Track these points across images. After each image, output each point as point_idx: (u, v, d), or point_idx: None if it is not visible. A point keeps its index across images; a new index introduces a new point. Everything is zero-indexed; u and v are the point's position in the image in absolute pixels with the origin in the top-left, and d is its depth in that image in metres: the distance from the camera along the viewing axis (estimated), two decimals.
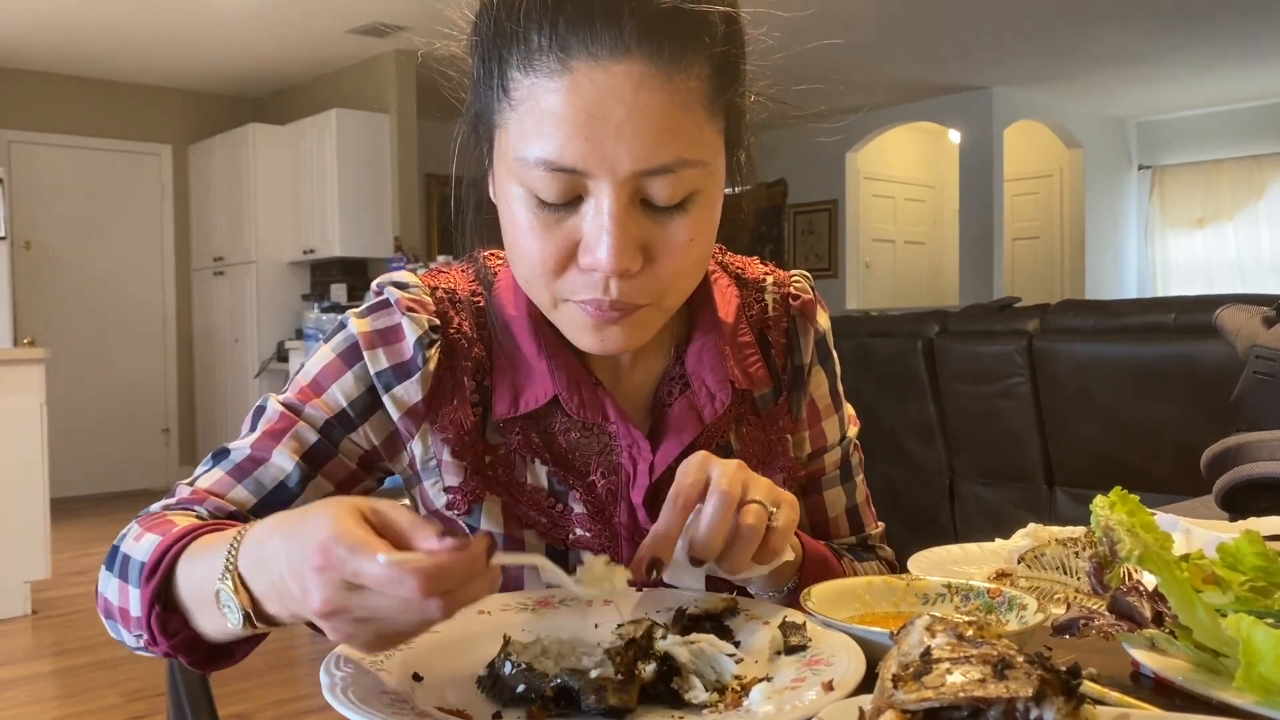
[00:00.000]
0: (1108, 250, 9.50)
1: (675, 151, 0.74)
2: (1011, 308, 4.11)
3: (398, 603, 0.56)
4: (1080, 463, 3.71)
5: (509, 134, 0.77)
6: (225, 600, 0.66)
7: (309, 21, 6.31)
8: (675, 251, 0.78)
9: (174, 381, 7.96)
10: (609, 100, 0.72)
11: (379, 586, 0.56)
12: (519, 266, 0.82)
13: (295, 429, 0.87)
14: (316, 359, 0.90)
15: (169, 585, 0.72)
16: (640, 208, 0.76)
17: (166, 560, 0.72)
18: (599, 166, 0.73)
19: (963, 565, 0.94)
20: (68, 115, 7.40)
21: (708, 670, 0.64)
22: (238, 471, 0.86)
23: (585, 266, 0.77)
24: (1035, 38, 6.92)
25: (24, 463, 4.26)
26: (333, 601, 0.57)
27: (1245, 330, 1.42)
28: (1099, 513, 0.67)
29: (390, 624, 0.58)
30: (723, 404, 0.90)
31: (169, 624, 0.72)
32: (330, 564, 0.56)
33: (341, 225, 6.91)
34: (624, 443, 0.89)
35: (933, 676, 0.49)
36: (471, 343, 0.90)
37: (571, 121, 0.72)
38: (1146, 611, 0.66)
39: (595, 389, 0.88)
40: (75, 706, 3.29)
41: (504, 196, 0.80)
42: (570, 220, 0.76)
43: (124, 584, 0.76)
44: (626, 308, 0.79)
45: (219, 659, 0.75)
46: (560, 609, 0.78)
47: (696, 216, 0.78)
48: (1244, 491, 1.17)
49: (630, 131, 0.72)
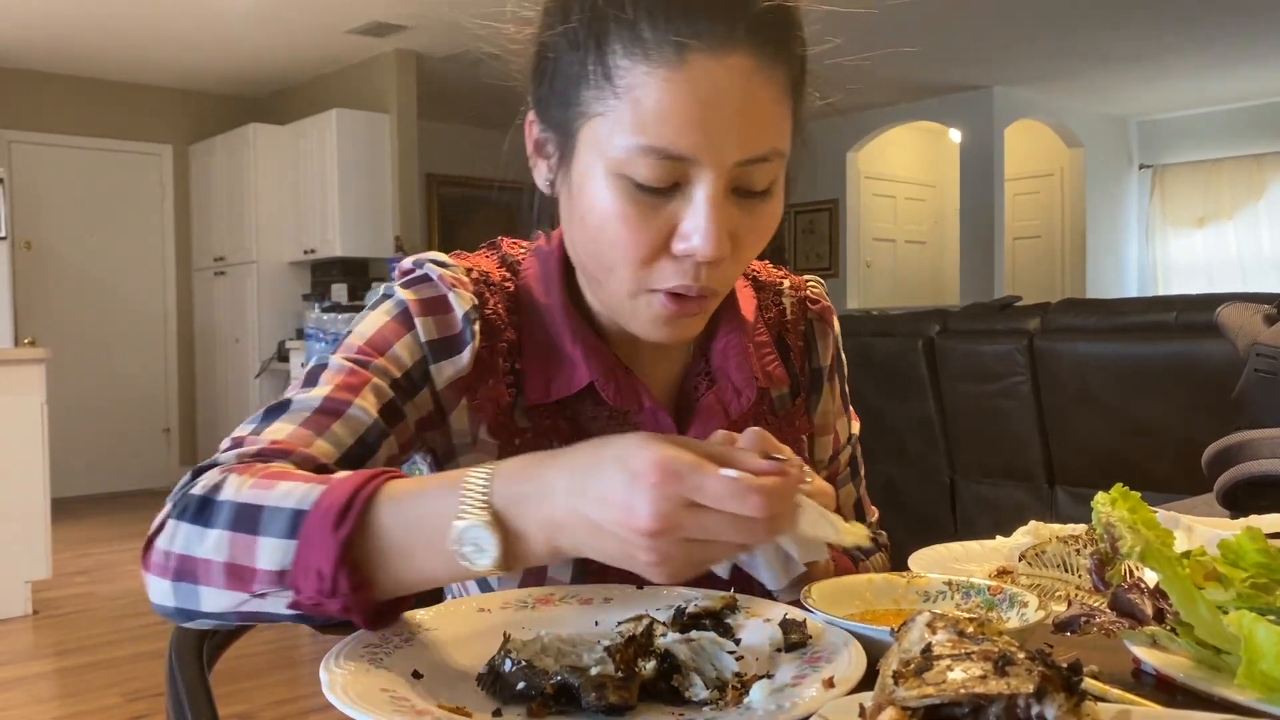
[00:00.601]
0: (1108, 249, 9.50)
1: (772, 142, 0.78)
2: (1012, 307, 4.11)
3: (733, 521, 0.58)
4: (1081, 462, 3.71)
5: (609, 121, 0.76)
6: (475, 539, 0.63)
7: (309, 21, 6.31)
8: (754, 239, 0.81)
9: (175, 381, 7.96)
10: (723, 91, 0.74)
11: (720, 503, 0.57)
12: (604, 254, 0.81)
13: (371, 383, 0.83)
14: (369, 323, 0.88)
15: (357, 533, 0.66)
16: (731, 197, 0.78)
17: (358, 505, 0.66)
18: (708, 154, 0.75)
19: (963, 563, 0.94)
20: (68, 115, 7.40)
21: (708, 667, 0.64)
22: (314, 424, 0.79)
23: (680, 254, 0.78)
24: (1036, 37, 6.92)
25: (24, 462, 4.26)
26: (669, 517, 0.57)
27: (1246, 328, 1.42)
28: (1100, 509, 0.66)
29: (715, 547, 0.60)
30: (749, 400, 0.93)
31: (354, 576, 0.65)
32: (670, 479, 0.57)
33: (342, 225, 6.91)
34: (650, 430, 0.90)
35: (934, 673, 0.49)
36: (505, 325, 0.91)
37: (688, 109, 0.74)
38: (1148, 608, 0.66)
39: (629, 376, 0.90)
40: (75, 706, 3.29)
41: (589, 187, 0.79)
42: (667, 208, 0.77)
43: (243, 535, 0.68)
44: (707, 295, 0.81)
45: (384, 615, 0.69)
46: (560, 606, 0.78)
47: (774, 206, 0.82)
48: (1245, 489, 1.17)
49: (741, 122, 0.75)
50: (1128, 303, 3.75)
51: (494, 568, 0.63)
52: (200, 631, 0.92)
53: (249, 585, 0.68)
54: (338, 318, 6.42)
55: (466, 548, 0.63)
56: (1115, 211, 9.58)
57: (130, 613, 4.27)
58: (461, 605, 0.77)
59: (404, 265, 0.93)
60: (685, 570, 0.61)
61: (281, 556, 0.67)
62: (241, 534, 0.68)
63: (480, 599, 0.78)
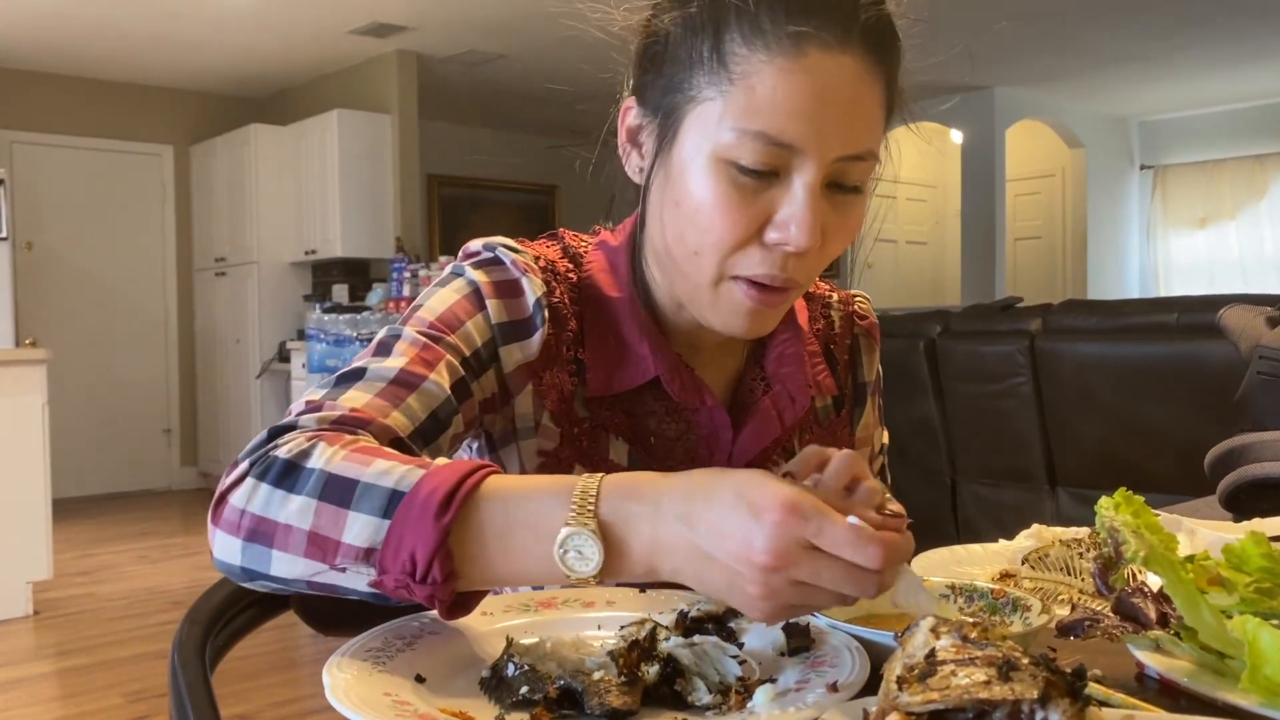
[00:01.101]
0: (1110, 250, 9.50)
1: (870, 142, 0.81)
2: (1014, 308, 4.11)
3: (846, 571, 0.59)
4: (1082, 463, 3.71)
5: (720, 105, 0.79)
6: (579, 546, 0.63)
7: (310, 22, 6.32)
8: (841, 236, 0.83)
9: (175, 382, 7.96)
10: (835, 86, 0.77)
11: (837, 549, 0.58)
12: (692, 240, 0.82)
13: (445, 360, 0.83)
14: (439, 299, 0.88)
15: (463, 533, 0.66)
16: (825, 192, 0.81)
17: (461, 496, 0.66)
18: (813, 145, 0.77)
19: (966, 566, 0.94)
20: (69, 116, 7.40)
21: (711, 672, 0.64)
22: (390, 395, 0.79)
23: (772, 242, 0.80)
24: (1037, 38, 6.91)
25: (26, 463, 4.26)
26: (787, 555, 0.58)
27: (1249, 330, 1.42)
28: (1104, 514, 0.66)
29: (822, 593, 0.60)
30: (803, 407, 0.95)
31: (448, 564, 0.65)
32: (794, 518, 0.58)
33: (343, 226, 6.91)
34: (703, 431, 0.92)
35: (938, 678, 0.49)
36: (570, 315, 0.92)
37: (801, 98, 0.77)
38: (1151, 613, 0.66)
39: (692, 374, 0.92)
40: (77, 707, 3.29)
41: (689, 171, 0.81)
42: (766, 195, 0.79)
43: (333, 507, 0.67)
44: (790, 287, 0.83)
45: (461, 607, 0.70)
46: (563, 610, 0.78)
47: (863, 204, 0.85)
48: (1248, 492, 1.17)
49: (847, 118, 0.78)
50: (1129, 304, 3.75)
51: (592, 577, 0.64)
52: (203, 632, 0.91)
53: (331, 557, 0.67)
54: (339, 318, 6.42)
55: (570, 554, 0.64)
56: (1116, 212, 9.58)
57: (131, 613, 4.28)
58: None
59: (471, 247, 0.93)
60: (787, 612, 0.62)
61: (373, 534, 0.66)
62: (330, 505, 0.68)
63: (483, 602, 0.78)
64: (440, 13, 6.14)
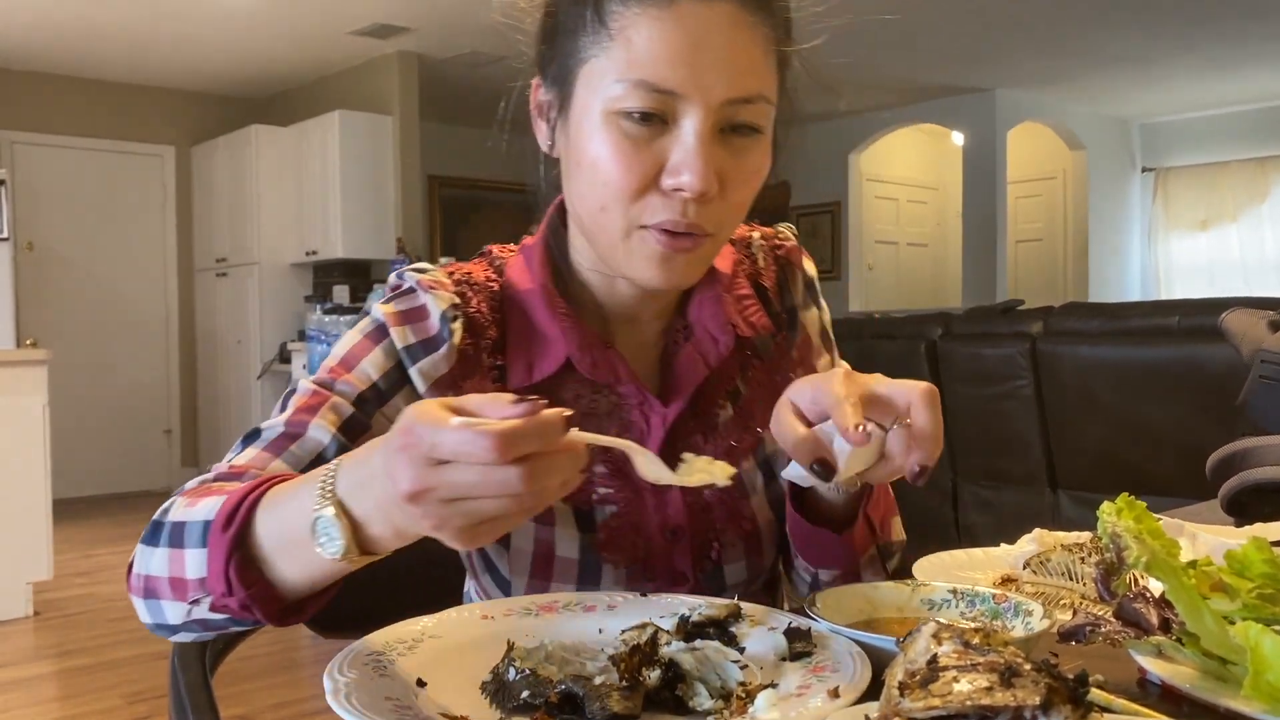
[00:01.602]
0: (1111, 252, 9.50)
1: (756, 85, 0.82)
2: (1015, 310, 4.11)
3: (478, 473, 0.57)
4: (1083, 465, 3.71)
5: (602, 63, 0.82)
6: (324, 529, 0.64)
7: (312, 23, 6.32)
8: (743, 181, 0.85)
9: (176, 383, 7.96)
10: (709, 32, 0.80)
11: (456, 453, 0.57)
12: (596, 195, 0.84)
13: (330, 402, 0.87)
14: (344, 342, 0.92)
15: (246, 535, 0.70)
16: (719, 137, 0.82)
17: (244, 508, 0.70)
18: (694, 90, 0.80)
19: (968, 570, 0.94)
20: (71, 116, 7.41)
21: (713, 677, 0.64)
22: (274, 447, 0.85)
23: (668, 188, 0.82)
24: (1039, 40, 6.91)
25: (26, 464, 4.26)
26: (419, 480, 0.57)
27: (1251, 334, 1.41)
28: (1106, 519, 0.66)
29: (478, 505, 0.58)
30: (727, 347, 0.95)
31: (247, 574, 0.69)
32: (412, 441, 0.57)
33: (344, 227, 6.91)
34: (635, 400, 0.93)
35: (939, 684, 0.49)
36: (489, 323, 0.93)
37: (677, 45, 0.80)
38: (1153, 618, 0.66)
39: (606, 351, 0.92)
40: (77, 708, 3.29)
41: (584, 130, 0.84)
42: (657, 143, 0.81)
43: (177, 550, 0.74)
44: (697, 232, 0.84)
45: (289, 614, 0.72)
46: (564, 614, 0.77)
47: (762, 150, 0.86)
48: (1250, 496, 1.17)
49: (726, 61, 0.80)
50: (1131, 307, 3.75)
51: (344, 556, 0.64)
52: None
53: (185, 595, 0.73)
54: (339, 319, 6.42)
55: (321, 539, 0.65)
56: (1118, 214, 9.58)
57: (132, 614, 4.23)
58: (465, 612, 0.77)
59: (391, 280, 0.97)
60: (470, 532, 0.59)
61: (199, 564, 0.72)
62: (175, 549, 0.74)
63: (484, 606, 0.78)
64: (441, 14, 6.14)
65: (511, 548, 0.91)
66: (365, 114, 6.98)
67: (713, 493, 0.94)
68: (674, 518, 0.92)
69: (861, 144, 9.04)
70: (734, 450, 0.96)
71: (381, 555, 0.66)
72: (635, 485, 0.92)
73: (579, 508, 0.91)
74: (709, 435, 0.95)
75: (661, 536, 0.92)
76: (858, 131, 8.96)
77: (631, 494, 0.92)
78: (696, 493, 0.93)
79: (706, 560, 0.94)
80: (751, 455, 0.97)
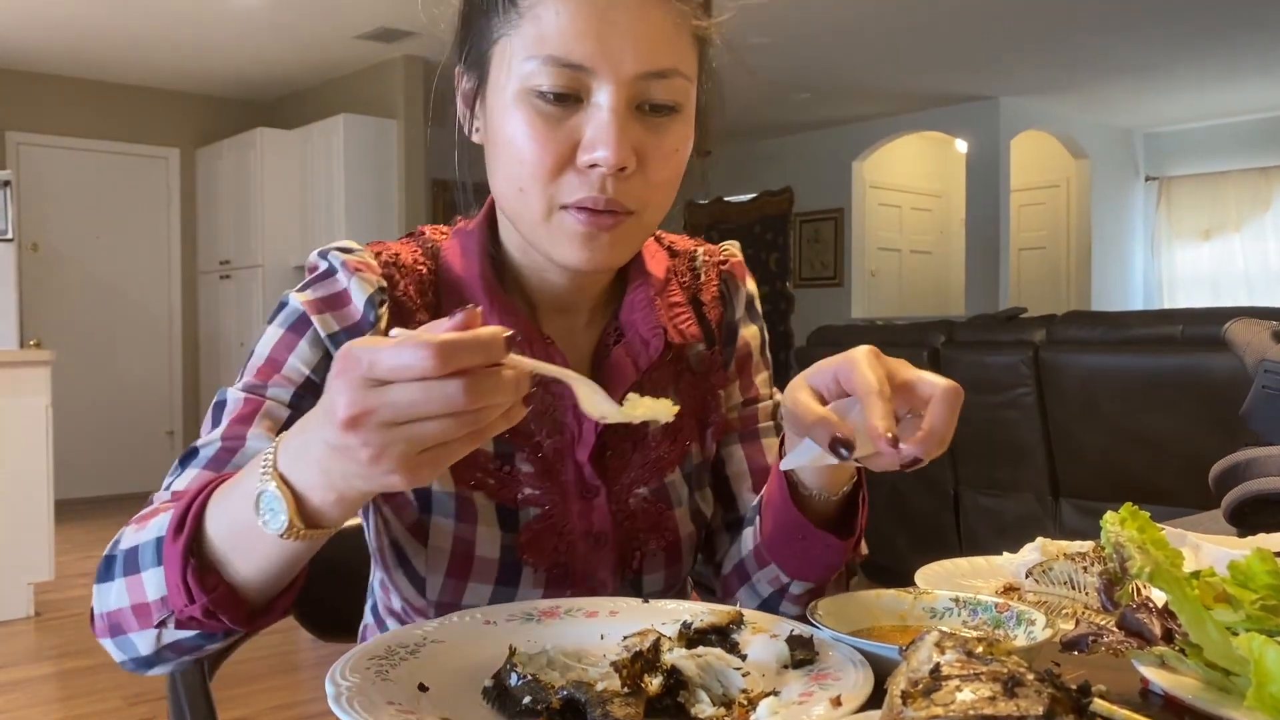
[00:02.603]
0: (1114, 261, 9.49)
1: (671, 59, 0.81)
2: (1018, 318, 4.11)
3: (419, 389, 0.55)
4: (1086, 474, 3.70)
5: (513, 43, 0.81)
6: (268, 505, 0.63)
7: (317, 26, 6.33)
8: (663, 158, 0.83)
9: (179, 384, 7.97)
10: (617, 7, 0.79)
11: (395, 368, 0.54)
12: (515, 177, 0.83)
13: (264, 408, 0.84)
14: (265, 341, 0.89)
15: (199, 540, 0.69)
16: (634, 114, 0.81)
17: (193, 513, 0.69)
18: (604, 64, 0.79)
19: (970, 579, 0.94)
20: (76, 118, 7.42)
21: (714, 684, 0.64)
22: (214, 464, 0.82)
23: (584, 164, 0.80)
24: (1043, 48, 6.92)
25: (29, 464, 4.27)
26: (356, 402, 0.55)
27: (1255, 344, 1.41)
28: (1109, 529, 0.66)
29: (420, 428, 0.56)
30: (656, 350, 0.93)
31: (206, 579, 0.68)
32: (349, 364, 0.56)
33: (348, 230, 6.92)
34: (570, 400, 0.91)
35: (942, 694, 0.49)
36: (417, 307, 0.91)
37: (584, 20, 0.79)
38: (1156, 628, 0.66)
39: (546, 345, 0.90)
40: (77, 709, 3.29)
41: (499, 112, 0.83)
42: (571, 120, 0.80)
43: (132, 577, 0.73)
44: (618, 210, 0.82)
45: (257, 615, 0.71)
46: (566, 620, 0.77)
47: (681, 127, 0.84)
48: (1253, 507, 1.17)
49: (636, 35, 0.79)
50: (1134, 315, 3.74)
51: (288, 531, 0.63)
52: None
53: (150, 620, 0.72)
54: None
55: (265, 514, 0.64)
56: (1121, 223, 9.57)
57: None
58: (467, 617, 0.77)
59: (310, 261, 0.93)
60: (416, 464, 0.57)
61: (158, 584, 0.71)
62: (131, 576, 0.73)
63: (486, 611, 0.78)
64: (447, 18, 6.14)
65: (430, 545, 0.89)
66: (370, 118, 7.00)
67: (638, 502, 0.93)
68: (599, 524, 0.91)
69: (865, 151, 9.04)
70: (662, 461, 0.95)
71: (327, 528, 0.65)
72: (563, 488, 0.90)
73: (503, 504, 0.89)
74: (638, 444, 0.94)
75: (585, 542, 0.91)
76: (861, 138, 8.97)
77: (559, 497, 0.91)
78: (622, 500, 0.92)
79: (627, 569, 0.94)
80: (678, 467, 0.96)
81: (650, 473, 0.95)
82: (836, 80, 7.58)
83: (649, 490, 0.94)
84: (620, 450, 0.93)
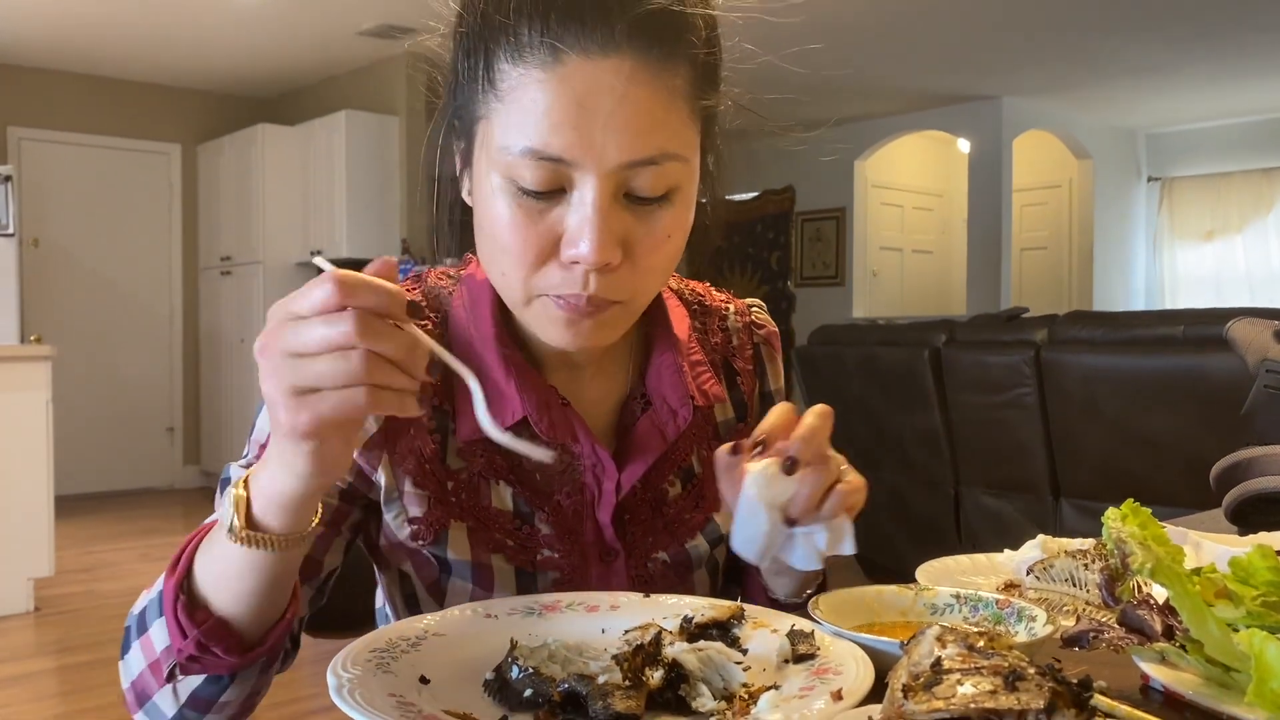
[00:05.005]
0: (1116, 261, 9.49)
1: (660, 144, 0.75)
2: (1019, 318, 4.11)
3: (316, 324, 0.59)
4: (1087, 474, 3.70)
5: (494, 126, 0.77)
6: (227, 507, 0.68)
7: (319, 23, 6.33)
8: (653, 247, 0.78)
9: (179, 380, 7.97)
10: (598, 92, 0.73)
11: (303, 304, 0.60)
12: (497, 260, 0.80)
13: None
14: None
15: (190, 578, 0.73)
16: (622, 202, 0.76)
17: (186, 554, 0.73)
18: (585, 156, 0.73)
19: (971, 576, 0.94)
20: (77, 113, 7.42)
21: (715, 678, 0.64)
22: None
23: (566, 260, 0.76)
24: (1045, 48, 6.91)
25: (29, 460, 4.27)
26: (269, 333, 0.61)
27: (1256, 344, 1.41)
28: (1111, 525, 0.66)
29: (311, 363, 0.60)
30: (685, 420, 0.91)
31: (196, 614, 0.71)
32: (274, 312, 0.62)
33: (349, 226, 6.92)
34: (588, 463, 0.89)
35: (943, 687, 0.49)
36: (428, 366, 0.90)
37: (561, 111, 0.73)
38: (1157, 625, 0.66)
39: (564, 410, 0.88)
40: (77, 704, 3.29)
41: (484, 191, 0.79)
42: (553, 213, 0.76)
43: (144, 636, 0.76)
44: (601, 304, 0.78)
45: (252, 647, 0.73)
46: (567, 614, 0.77)
47: (676, 212, 0.79)
48: (1254, 506, 1.17)
49: (618, 123, 0.73)
50: (1135, 316, 3.74)
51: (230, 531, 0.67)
52: None
53: (163, 673, 0.75)
54: None
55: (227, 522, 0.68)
56: (1123, 223, 9.57)
57: None
58: (468, 611, 0.77)
59: None
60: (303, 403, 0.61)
61: (163, 633, 0.74)
62: (143, 636, 0.76)
63: (487, 605, 0.78)
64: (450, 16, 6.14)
65: (446, 606, 0.87)
66: (372, 114, 7.00)
67: (656, 566, 0.91)
68: (617, 589, 0.89)
69: (867, 151, 9.04)
70: (683, 527, 0.93)
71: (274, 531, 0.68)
72: (583, 550, 0.88)
73: (521, 568, 0.87)
74: (658, 508, 0.92)
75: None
76: (863, 138, 8.96)
77: (579, 560, 0.88)
78: (642, 565, 0.90)
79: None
80: (700, 532, 0.94)
81: (671, 539, 0.92)
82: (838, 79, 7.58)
83: (669, 555, 0.92)
84: (639, 514, 0.91)
